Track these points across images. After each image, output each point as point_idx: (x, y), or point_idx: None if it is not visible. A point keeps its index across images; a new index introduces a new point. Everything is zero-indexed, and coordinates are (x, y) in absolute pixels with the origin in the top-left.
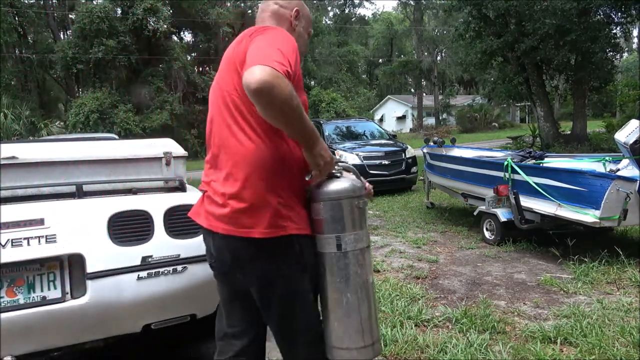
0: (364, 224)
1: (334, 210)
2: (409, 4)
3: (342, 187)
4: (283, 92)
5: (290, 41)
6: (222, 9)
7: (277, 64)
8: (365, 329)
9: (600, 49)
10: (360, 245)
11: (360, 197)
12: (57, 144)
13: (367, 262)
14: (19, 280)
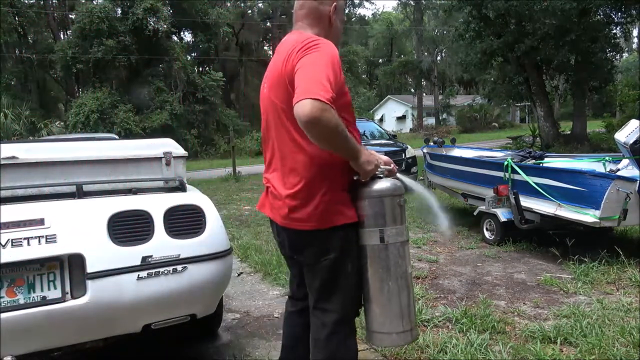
0: (404, 220)
1: (377, 206)
2: (409, 4)
3: (385, 186)
4: (329, 124)
5: (332, 60)
6: (222, 9)
7: (323, 93)
8: (405, 315)
9: (600, 49)
10: (401, 239)
11: (401, 195)
12: (57, 144)
13: (406, 254)
14: (19, 280)
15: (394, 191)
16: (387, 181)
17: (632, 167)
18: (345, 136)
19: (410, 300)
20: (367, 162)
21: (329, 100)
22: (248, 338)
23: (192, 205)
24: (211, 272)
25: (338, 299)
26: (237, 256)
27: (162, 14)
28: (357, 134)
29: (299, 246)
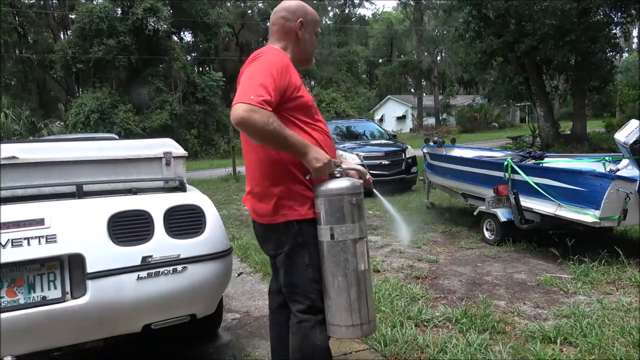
0: (358, 218)
1: (328, 205)
2: (409, 4)
3: (336, 186)
4: (257, 123)
5: (272, 66)
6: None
7: (254, 97)
8: (354, 310)
9: (600, 49)
10: (352, 237)
11: (355, 194)
12: (57, 144)
13: (358, 251)
14: (19, 280)
15: (344, 190)
16: (339, 180)
17: (632, 167)
18: (279, 134)
19: (362, 296)
20: (315, 159)
21: (260, 102)
22: (248, 338)
23: (192, 205)
24: (211, 272)
25: (300, 291)
26: (237, 256)
27: (162, 14)
28: (322, 134)
29: (262, 239)
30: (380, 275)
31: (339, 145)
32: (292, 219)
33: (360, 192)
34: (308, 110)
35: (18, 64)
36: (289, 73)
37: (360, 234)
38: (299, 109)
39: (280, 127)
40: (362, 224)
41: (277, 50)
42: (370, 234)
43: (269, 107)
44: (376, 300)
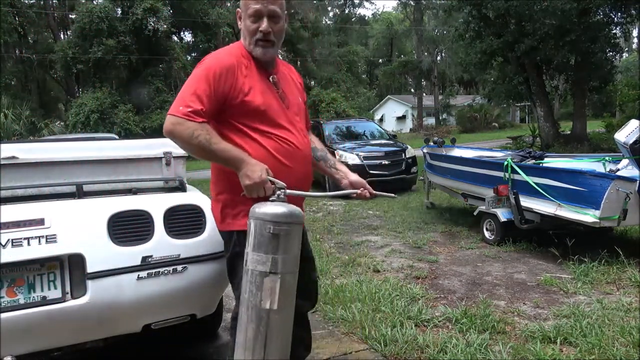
0: (275, 250)
1: (252, 228)
2: (409, 4)
3: (262, 209)
4: (181, 136)
5: (206, 73)
6: (222, 9)
7: (182, 108)
8: (248, 348)
9: (600, 49)
10: (261, 268)
11: (279, 224)
12: (57, 144)
13: (265, 286)
14: (19, 280)
15: (268, 216)
16: (270, 204)
17: (632, 167)
18: (204, 148)
19: (259, 337)
20: (247, 176)
21: (187, 114)
22: None
23: (192, 205)
24: (211, 272)
25: (236, 296)
26: None
27: (162, 14)
28: (281, 142)
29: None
30: (380, 275)
31: (339, 145)
32: (233, 229)
33: (291, 222)
34: (261, 116)
35: (18, 64)
36: (233, 76)
37: (272, 269)
38: (248, 115)
39: (207, 141)
40: (280, 257)
41: (225, 51)
42: (370, 234)
43: (200, 117)
44: (376, 300)
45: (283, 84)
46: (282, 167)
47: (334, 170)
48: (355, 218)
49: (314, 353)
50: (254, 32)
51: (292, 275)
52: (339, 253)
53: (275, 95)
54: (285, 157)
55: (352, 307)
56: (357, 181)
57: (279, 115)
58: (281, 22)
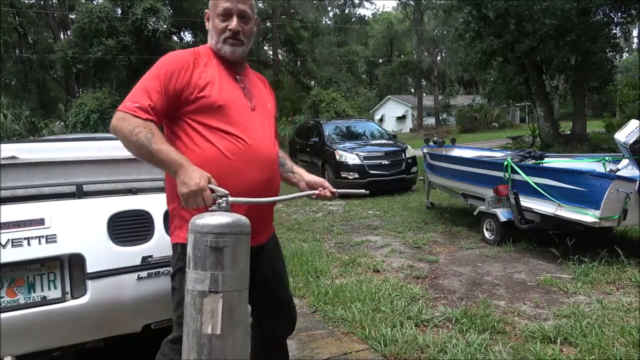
0: (213, 266)
1: (192, 241)
2: (409, 4)
3: (196, 221)
4: (122, 132)
5: (158, 69)
6: None
7: (130, 103)
8: None
9: (600, 49)
10: (199, 288)
11: (220, 235)
12: (57, 144)
13: (205, 308)
14: (19, 280)
15: (207, 228)
16: (210, 215)
17: (632, 167)
18: (142, 147)
19: None
20: (183, 183)
21: (133, 109)
22: None
23: None
24: None
25: (175, 315)
26: None
27: (162, 14)
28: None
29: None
30: (380, 275)
31: (338, 145)
32: (178, 241)
33: (234, 233)
34: (218, 113)
35: (18, 64)
36: (187, 72)
37: (212, 287)
38: (203, 112)
39: (147, 140)
40: (220, 274)
41: (184, 50)
42: (370, 234)
43: (146, 113)
44: (376, 300)
45: (251, 86)
46: (235, 170)
47: (291, 174)
48: (355, 218)
49: (313, 353)
50: (223, 31)
51: (239, 294)
52: (339, 253)
53: (239, 94)
54: (240, 159)
55: (352, 307)
56: (315, 181)
57: (240, 114)
58: (251, 24)
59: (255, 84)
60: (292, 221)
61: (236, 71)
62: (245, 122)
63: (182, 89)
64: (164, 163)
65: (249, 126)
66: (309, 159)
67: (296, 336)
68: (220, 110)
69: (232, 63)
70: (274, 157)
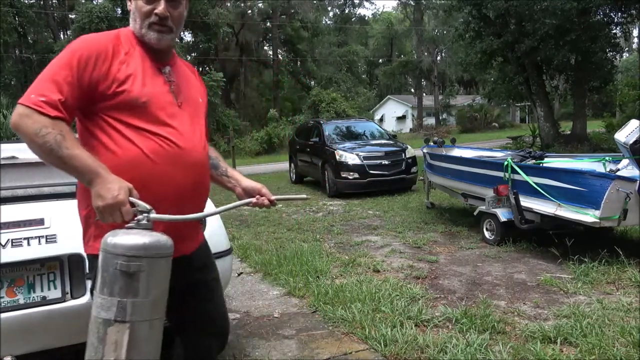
0: (122, 292)
1: (101, 262)
2: (409, 4)
3: (107, 239)
4: (27, 132)
5: (73, 54)
6: (222, 9)
7: (35, 96)
8: None
9: (600, 49)
10: (104, 315)
11: (129, 257)
12: None
13: (109, 338)
14: (19, 280)
15: (112, 248)
16: (117, 233)
17: (632, 167)
18: (51, 151)
19: None
20: (98, 196)
21: (39, 104)
22: (248, 338)
23: None
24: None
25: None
26: (237, 256)
27: None
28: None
29: None
30: (380, 275)
31: (338, 145)
32: (95, 252)
33: (150, 256)
34: (141, 110)
35: (18, 64)
36: (106, 62)
37: (119, 316)
38: (123, 108)
39: (57, 143)
40: (130, 302)
41: (101, 34)
42: (370, 234)
43: (55, 110)
44: (376, 300)
45: (179, 79)
46: (160, 175)
47: (225, 178)
48: (355, 218)
49: (313, 353)
50: (148, 14)
51: (149, 324)
52: (339, 253)
53: (165, 89)
54: (166, 162)
55: (352, 307)
56: (252, 188)
57: (166, 111)
58: (181, 8)
59: (184, 76)
60: (292, 221)
61: (162, 61)
62: (172, 120)
63: (98, 81)
64: (77, 171)
65: (176, 125)
66: (309, 159)
67: (296, 336)
68: (143, 107)
69: (157, 52)
70: (204, 159)
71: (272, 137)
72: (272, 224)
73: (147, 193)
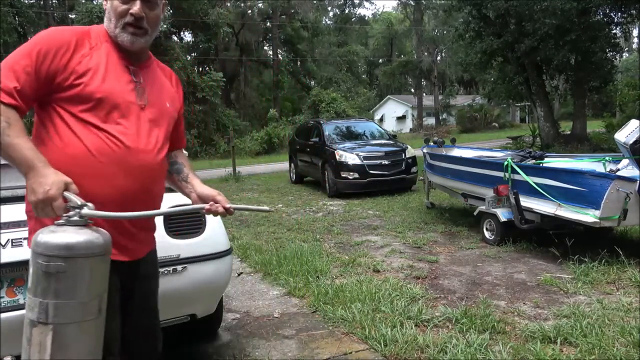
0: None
1: (31, 260)
2: (409, 4)
3: (43, 238)
4: None
5: (36, 45)
6: (222, 9)
7: None
8: None
9: (600, 49)
10: (30, 315)
11: (50, 257)
12: None
13: (34, 339)
14: (19, 280)
15: (35, 247)
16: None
17: (632, 167)
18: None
19: None
20: (31, 189)
21: None
22: (248, 338)
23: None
24: (211, 272)
25: None
26: (237, 256)
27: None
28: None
29: None
30: (380, 275)
31: (338, 145)
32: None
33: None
34: (95, 106)
35: None
36: (67, 54)
37: (41, 317)
38: (77, 102)
39: (2, 129)
40: (52, 303)
41: (68, 27)
42: (370, 234)
43: (11, 97)
44: (376, 300)
45: (149, 81)
46: (102, 175)
47: (184, 183)
48: (355, 218)
49: (313, 353)
50: (123, 14)
51: (78, 327)
52: (339, 253)
53: (128, 88)
54: (111, 162)
55: (352, 307)
56: (207, 194)
57: (121, 110)
58: (157, 10)
59: (156, 79)
60: (292, 221)
61: (132, 61)
62: (126, 120)
63: (55, 72)
64: (14, 161)
65: (131, 126)
66: (309, 159)
67: (296, 336)
68: (99, 103)
69: (129, 52)
70: (156, 163)
71: (272, 137)
72: (272, 224)
73: (88, 191)
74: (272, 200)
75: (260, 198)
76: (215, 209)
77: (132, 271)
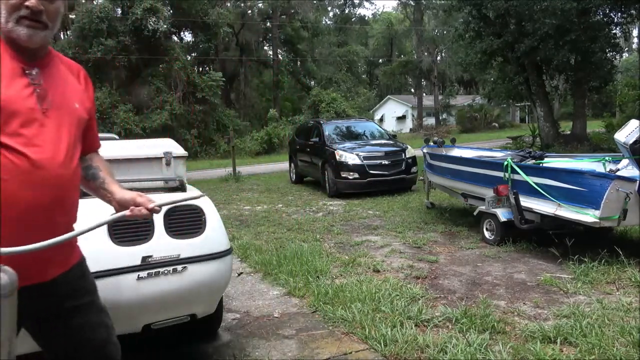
0: None
1: None
2: (409, 4)
3: None
4: None
5: None
6: (222, 9)
7: None
8: None
9: (600, 49)
10: None
11: None
12: None
13: None
14: None
15: None
16: None
17: (632, 167)
18: None
19: None
20: None
21: None
22: (248, 338)
23: (192, 206)
24: (211, 272)
25: None
26: (237, 256)
27: (162, 14)
28: (14, 157)
29: None
30: (380, 275)
31: (338, 145)
32: None
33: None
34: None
35: None
36: None
37: None
38: None
39: None
40: None
41: None
42: (370, 234)
43: None
44: (376, 300)
45: (51, 81)
46: (7, 193)
47: (102, 191)
48: (355, 218)
49: (313, 353)
50: (17, 7)
51: None
52: (339, 253)
53: (26, 92)
54: (14, 179)
55: (352, 307)
56: (126, 200)
57: (21, 118)
58: (57, 2)
59: (59, 78)
60: (292, 221)
61: (28, 61)
62: (27, 129)
63: None
64: None
65: (32, 135)
66: (309, 159)
67: (296, 336)
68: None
69: (24, 50)
70: (66, 174)
71: (272, 137)
72: (272, 224)
73: None
74: (272, 200)
75: (260, 198)
76: (137, 213)
77: (48, 293)
